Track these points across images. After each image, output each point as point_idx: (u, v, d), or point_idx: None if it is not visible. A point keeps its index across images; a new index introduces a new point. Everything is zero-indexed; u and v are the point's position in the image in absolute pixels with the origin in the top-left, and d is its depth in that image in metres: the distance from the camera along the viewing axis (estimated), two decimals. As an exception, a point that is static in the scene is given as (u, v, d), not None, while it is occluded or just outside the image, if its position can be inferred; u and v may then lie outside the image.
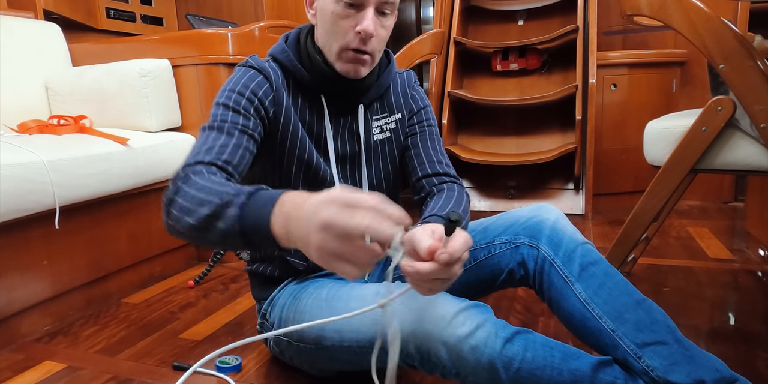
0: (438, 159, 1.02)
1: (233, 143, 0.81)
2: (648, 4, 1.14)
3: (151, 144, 1.63)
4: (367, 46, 0.85)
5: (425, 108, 1.05)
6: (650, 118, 2.35)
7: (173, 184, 0.73)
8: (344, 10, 0.83)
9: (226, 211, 0.64)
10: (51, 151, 1.32)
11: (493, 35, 2.94)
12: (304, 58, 0.92)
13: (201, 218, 0.66)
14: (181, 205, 0.69)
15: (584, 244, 0.90)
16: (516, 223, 0.96)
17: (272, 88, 0.89)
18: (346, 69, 0.88)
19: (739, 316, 1.36)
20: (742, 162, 1.12)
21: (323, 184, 0.95)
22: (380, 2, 0.83)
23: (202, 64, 1.77)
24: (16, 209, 1.23)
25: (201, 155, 0.78)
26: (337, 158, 0.97)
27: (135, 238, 1.64)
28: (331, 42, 0.87)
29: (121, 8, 2.54)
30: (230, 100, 0.86)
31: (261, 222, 0.60)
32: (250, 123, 0.85)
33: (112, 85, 1.71)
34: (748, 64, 1.05)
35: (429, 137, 1.03)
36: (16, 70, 1.77)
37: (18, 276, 1.30)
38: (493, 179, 2.69)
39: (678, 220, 2.35)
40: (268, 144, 0.91)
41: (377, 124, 1.00)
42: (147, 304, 1.53)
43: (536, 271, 0.91)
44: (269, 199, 0.61)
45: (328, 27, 0.86)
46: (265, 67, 0.91)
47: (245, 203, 0.63)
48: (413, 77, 1.06)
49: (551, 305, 0.91)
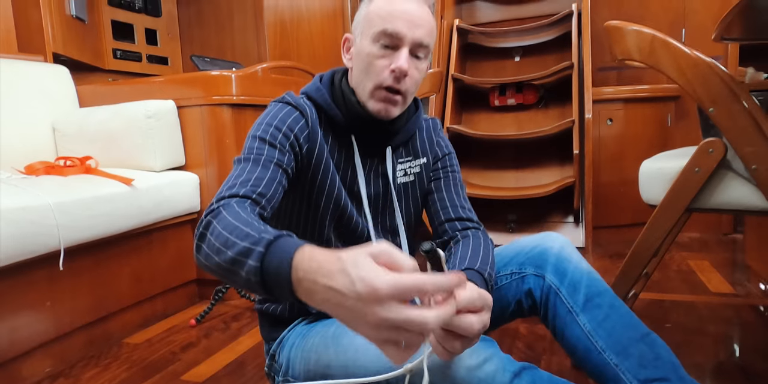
0: (461, 204, 1.02)
1: (268, 176, 0.82)
2: (638, 49, 1.18)
3: (155, 184, 1.65)
4: (401, 85, 0.87)
5: (450, 154, 1.07)
6: (647, 151, 2.40)
7: (205, 217, 0.73)
8: (380, 50, 0.86)
9: (247, 261, 0.62)
10: (57, 194, 1.35)
11: (490, 72, 3.01)
12: (338, 98, 0.94)
13: (227, 261, 0.64)
14: (210, 242, 0.69)
15: (590, 273, 0.90)
16: (521, 253, 0.96)
17: (307, 125, 0.90)
18: (377, 108, 0.89)
19: (743, 353, 1.36)
20: (736, 202, 1.14)
21: (350, 224, 0.96)
22: (415, 45, 0.86)
23: (206, 104, 1.82)
24: (21, 252, 1.25)
25: (236, 188, 0.78)
26: (366, 198, 0.98)
27: (137, 277, 1.65)
28: (366, 81, 0.89)
29: (127, 49, 2.61)
30: (267, 133, 0.87)
31: (281, 285, 0.58)
32: (285, 158, 0.86)
33: (118, 125, 1.75)
34: (736, 108, 1.08)
35: (453, 182, 1.04)
36: (25, 112, 1.81)
37: (21, 317, 1.30)
38: (493, 213, 2.70)
39: (678, 252, 2.36)
40: (300, 179, 0.92)
41: (401, 167, 1.01)
42: (148, 344, 1.53)
43: (542, 300, 0.91)
44: (285, 257, 0.58)
45: (364, 66, 0.88)
46: (301, 104, 0.92)
47: (264, 256, 0.61)
48: (438, 124, 1.09)
49: (555, 335, 0.91)
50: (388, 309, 0.49)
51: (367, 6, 0.90)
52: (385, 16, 0.85)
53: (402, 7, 0.86)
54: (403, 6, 0.86)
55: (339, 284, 0.52)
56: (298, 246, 0.59)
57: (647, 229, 1.23)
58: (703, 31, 2.69)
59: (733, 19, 1.23)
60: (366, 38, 0.88)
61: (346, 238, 0.98)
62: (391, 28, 0.84)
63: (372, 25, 0.87)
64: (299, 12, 2.96)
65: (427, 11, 0.88)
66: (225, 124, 1.82)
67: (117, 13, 2.57)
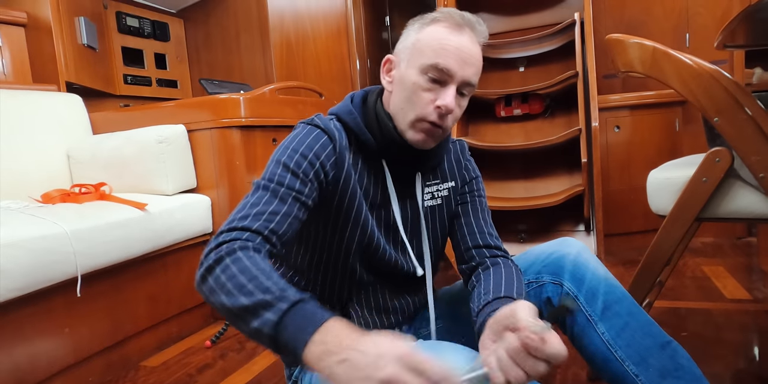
0: (488, 231, 0.99)
1: (284, 211, 0.79)
2: (640, 61, 1.18)
3: (168, 208, 1.68)
4: (443, 122, 0.85)
5: (477, 178, 1.04)
6: (656, 157, 2.39)
7: (216, 250, 0.72)
8: (427, 83, 0.83)
9: (264, 313, 0.63)
10: (73, 221, 1.38)
11: (495, 82, 3.03)
12: (371, 122, 0.90)
13: (237, 306, 0.65)
14: (220, 280, 0.68)
15: (607, 279, 0.88)
16: (537, 261, 0.94)
17: (335, 151, 0.87)
18: (417, 139, 0.87)
19: (763, 361, 1.34)
20: (745, 210, 1.14)
21: (377, 253, 0.94)
22: (463, 83, 0.84)
23: (216, 128, 1.85)
24: (40, 280, 1.27)
25: (249, 220, 0.76)
26: (394, 224, 0.96)
27: (153, 300, 1.67)
28: (407, 111, 0.86)
29: (137, 74, 2.67)
30: (291, 160, 0.83)
31: (296, 342, 0.60)
32: (306, 189, 0.83)
33: (131, 151, 1.79)
34: (741, 117, 1.08)
35: (480, 207, 1.02)
36: (40, 141, 1.86)
37: (40, 344, 1.33)
38: (504, 223, 2.70)
39: (692, 258, 2.34)
40: (325, 206, 0.89)
41: (429, 190, 0.99)
42: (165, 367, 1.54)
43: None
44: (311, 321, 0.61)
45: (407, 95, 0.85)
46: (330, 128, 0.88)
47: (285, 312, 0.62)
48: (466, 147, 1.07)
49: (574, 343, 0.90)
50: (402, 374, 0.52)
51: (417, 32, 0.86)
52: (438, 50, 0.82)
53: (456, 42, 0.83)
54: (457, 41, 0.83)
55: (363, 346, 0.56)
56: (329, 315, 0.62)
57: (657, 239, 1.23)
58: (708, 34, 2.69)
59: (736, 27, 1.24)
60: (413, 67, 0.85)
61: (368, 266, 0.95)
62: (443, 64, 0.82)
63: (422, 55, 0.84)
64: (304, 32, 3.01)
65: (479, 49, 0.86)
66: (235, 146, 1.85)
67: (127, 40, 2.64)
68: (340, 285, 0.96)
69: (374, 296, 0.98)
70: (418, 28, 0.86)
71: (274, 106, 2.00)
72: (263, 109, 1.94)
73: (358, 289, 0.96)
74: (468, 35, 0.84)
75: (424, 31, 0.85)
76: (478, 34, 0.85)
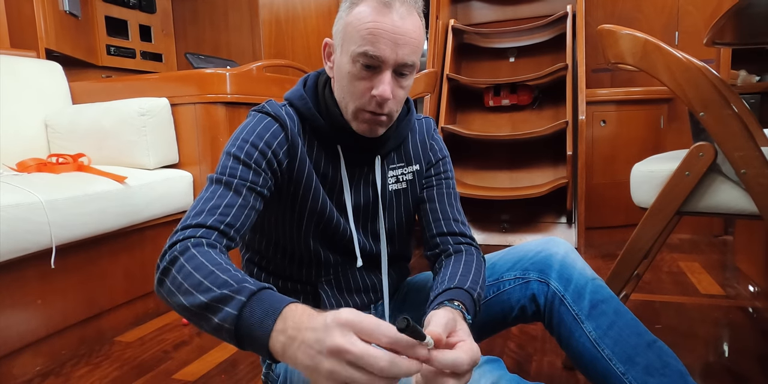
0: (455, 217, 0.97)
1: (239, 203, 0.77)
2: (631, 53, 1.18)
3: (148, 182, 1.65)
4: (384, 109, 0.82)
5: (444, 159, 1.02)
6: (639, 153, 2.42)
7: (170, 251, 0.69)
8: (361, 71, 0.79)
9: (224, 307, 0.60)
10: (49, 191, 1.34)
11: (485, 72, 3.02)
12: (321, 108, 0.88)
13: (196, 304, 0.62)
14: (176, 281, 0.65)
15: (594, 279, 0.89)
16: (524, 258, 0.94)
17: (287, 138, 0.85)
18: (361, 129, 0.85)
19: (732, 355, 1.37)
20: (725, 205, 1.15)
21: (336, 234, 0.93)
22: (398, 65, 0.79)
23: (200, 103, 1.82)
24: (12, 249, 1.24)
25: (203, 216, 0.75)
26: (352, 208, 0.93)
27: (130, 275, 1.65)
28: (348, 101, 0.83)
29: (121, 45, 2.60)
30: (242, 151, 0.82)
31: (261, 335, 0.58)
32: (260, 179, 0.81)
33: (111, 123, 1.75)
34: (726, 113, 1.09)
35: (446, 191, 1.00)
36: (16, 109, 1.80)
37: (12, 316, 1.30)
38: (487, 213, 2.71)
39: (669, 254, 2.37)
40: (281, 194, 0.88)
41: (393, 173, 0.96)
42: (140, 342, 1.53)
43: (546, 307, 0.90)
44: (270, 310, 0.58)
45: (344, 85, 0.82)
46: (281, 115, 0.86)
47: (245, 304, 0.60)
48: (432, 125, 1.02)
49: (560, 341, 0.90)
50: (350, 340, 0.50)
51: (347, 12, 0.80)
52: (365, 36, 0.77)
53: (384, 23, 0.76)
54: (385, 21, 0.76)
55: (307, 329, 0.54)
56: (288, 301, 0.59)
57: (638, 231, 1.24)
58: (697, 33, 2.71)
59: (725, 24, 1.24)
60: (345, 54, 0.80)
61: (332, 248, 0.94)
62: (372, 51, 0.76)
63: (352, 41, 0.78)
64: (294, 10, 2.96)
65: (414, 21, 0.79)
66: (219, 122, 1.82)
67: (111, 9, 2.56)
68: (308, 267, 0.95)
69: (344, 276, 0.97)
70: (347, 9, 0.81)
71: (260, 84, 1.97)
72: (249, 86, 1.90)
73: (327, 270, 0.96)
74: (397, 11, 0.77)
75: (351, 13, 0.79)
76: (409, 5, 0.79)
